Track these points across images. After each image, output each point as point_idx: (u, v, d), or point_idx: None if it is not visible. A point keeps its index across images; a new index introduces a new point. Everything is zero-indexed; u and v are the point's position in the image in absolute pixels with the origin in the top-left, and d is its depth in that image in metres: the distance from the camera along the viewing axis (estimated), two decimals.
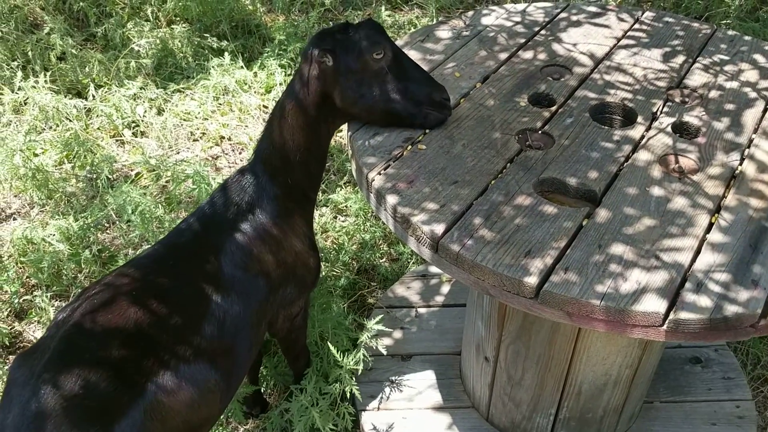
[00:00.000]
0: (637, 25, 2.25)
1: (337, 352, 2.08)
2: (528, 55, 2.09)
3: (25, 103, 3.70)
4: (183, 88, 3.96)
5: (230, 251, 1.74)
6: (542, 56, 2.08)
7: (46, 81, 3.76)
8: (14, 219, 3.30)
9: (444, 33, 2.20)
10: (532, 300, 1.42)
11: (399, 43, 2.16)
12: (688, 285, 1.39)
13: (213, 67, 3.99)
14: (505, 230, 1.51)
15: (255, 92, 3.95)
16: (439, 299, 2.69)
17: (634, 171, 1.66)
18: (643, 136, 1.78)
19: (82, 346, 1.41)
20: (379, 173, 1.66)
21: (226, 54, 4.05)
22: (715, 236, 1.49)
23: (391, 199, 1.59)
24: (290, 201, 1.85)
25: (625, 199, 1.59)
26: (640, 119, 1.84)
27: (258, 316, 1.77)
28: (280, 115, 1.77)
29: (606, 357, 1.88)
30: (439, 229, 1.50)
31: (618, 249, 1.46)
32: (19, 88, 3.74)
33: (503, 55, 2.08)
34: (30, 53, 3.95)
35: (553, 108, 1.87)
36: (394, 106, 1.74)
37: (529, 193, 1.60)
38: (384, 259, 2.95)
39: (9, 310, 2.81)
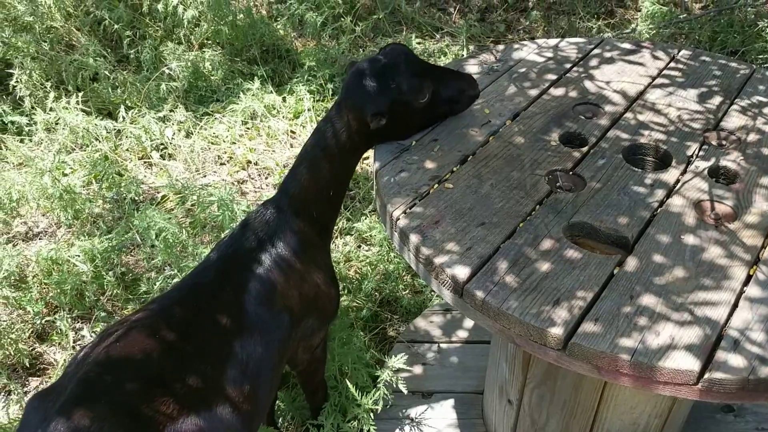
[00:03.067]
0: (672, 64, 2.20)
1: (356, 389, 2.03)
2: (559, 92, 2.05)
3: (57, 123, 3.74)
4: (212, 111, 3.97)
5: (254, 289, 1.72)
6: (574, 94, 2.04)
7: (78, 102, 3.81)
8: (40, 238, 3.32)
9: (474, 67, 2.17)
10: (559, 352, 1.37)
11: None
12: (723, 343, 1.32)
13: (243, 91, 4.01)
14: (532, 277, 1.46)
15: (283, 117, 3.96)
16: (463, 335, 2.64)
17: (668, 217, 1.61)
18: (678, 181, 1.72)
19: (99, 390, 1.37)
20: (405, 212, 1.63)
21: (255, 78, 4.07)
22: (753, 290, 1.43)
23: (415, 239, 1.55)
24: (313, 233, 1.84)
25: (659, 247, 1.53)
26: (674, 162, 1.78)
27: (280, 354, 1.74)
28: (317, 156, 1.81)
29: (634, 406, 1.81)
30: (464, 273, 1.46)
31: (650, 300, 1.40)
32: (51, 109, 3.79)
33: (534, 92, 2.04)
34: (64, 74, 4.00)
35: (585, 148, 1.83)
36: (432, 119, 1.91)
37: (558, 238, 1.55)
38: (407, 291, 2.91)
39: (31, 330, 2.81)
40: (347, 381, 2.05)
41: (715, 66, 2.18)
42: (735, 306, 1.40)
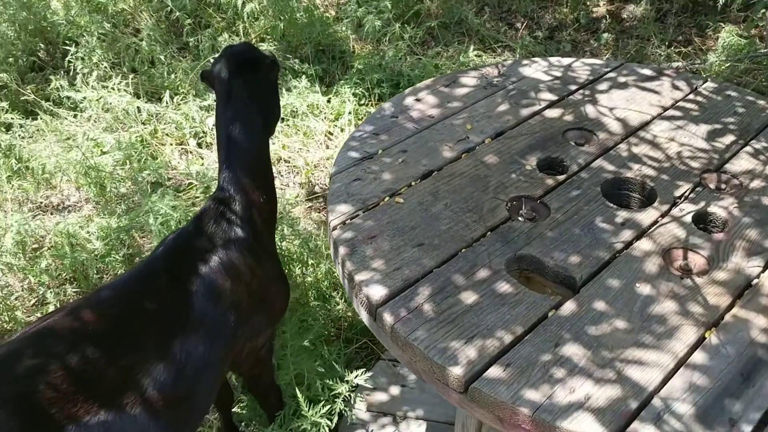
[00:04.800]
0: (691, 96, 1.99)
1: (305, 400, 1.94)
2: (554, 114, 1.89)
3: (98, 101, 3.84)
4: None
5: (201, 283, 1.65)
6: (569, 117, 1.88)
7: (128, 84, 3.90)
8: (69, 211, 3.41)
9: (471, 80, 2.04)
10: (461, 395, 1.24)
11: (420, 86, 2.03)
12: (645, 413, 1.16)
13: (290, 88, 4.00)
14: (454, 308, 1.33)
15: (325, 118, 3.92)
16: None
17: (629, 262, 1.44)
18: (654, 222, 1.55)
19: (9, 377, 1.34)
20: (344, 222, 1.53)
21: (303, 77, 4.05)
22: (700, 357, 1.25)
23: (343, 251, 1.45)
24: (261, 223, 1.78)
25: (606, 293, 1.37)
26: (657, 202, 1.60)
27: (225, 355, 1.67)
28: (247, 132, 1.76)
29: None
30: (379, 294, 1.35)
31: (576, 352, 1.25)
32: (103, 87, 3.89)
33: (526, 112, 1.90)
34: (122, 55, 4.11)
35: (562, 177, 1.67)
36: None
37: (497, 269, 1.41)
38: None
39: (36, 300, 2.87)
40: (297, 390, 1.96)
41: (740, 102, 1.96)
42: (673, 372, 1.22)
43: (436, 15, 4.83)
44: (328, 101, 3.99)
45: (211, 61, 4.09)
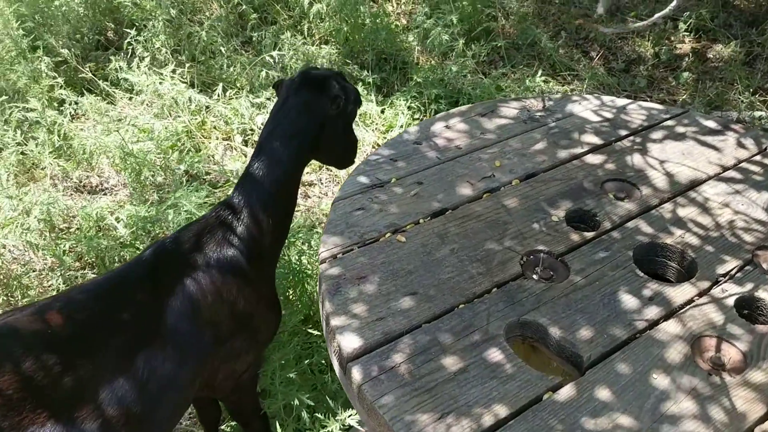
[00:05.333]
0: (758, 157, 1.75)
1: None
2: (596, 160, 1.70)
3: (148, 87, 3.81)
4: None
5: (180, 296, 1.54)
6: (612, 166, 1.67)
7: (183, 72, 3.86)
8: (105, 194, 3.38)
9: (511, 111, 1.86)
10: None
11: (453, 111, 1.86)
12: None
13: None
14: (435, 375, 1.16)
15: (375, 128, 3.78)
16: None
17: (649, 346, 1.24)
18: (690, 302, 1.33)
19: None
20: (335, 256, 1.38)
21: (360, 84, 3.93)
22: None
23: (325, 288, 1.30)
24: (265, 243, 1.66)
25: (616, 380, 1.17)
26: (696, 278, 1.39)
27: (194, 375, 1.55)
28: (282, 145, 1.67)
29: None
30: (352, 346, 1.20)
31: None
32: (157, 73, 3.87)
33: (564, 154, 1.71)
34: (183, 42, 4.08)
35: (591, 233, 1.48)
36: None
37: (494, 334, 1.24)
38: None
39: (59, 279, 2.83)
40: (277, 424, 1.82)
41: None
42: None
43: (508, 35, 4.63)
44: (382, 112, 3.86)
45: (271, 57, 4.02)
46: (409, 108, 3.83)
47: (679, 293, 1.35)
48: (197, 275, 1.57)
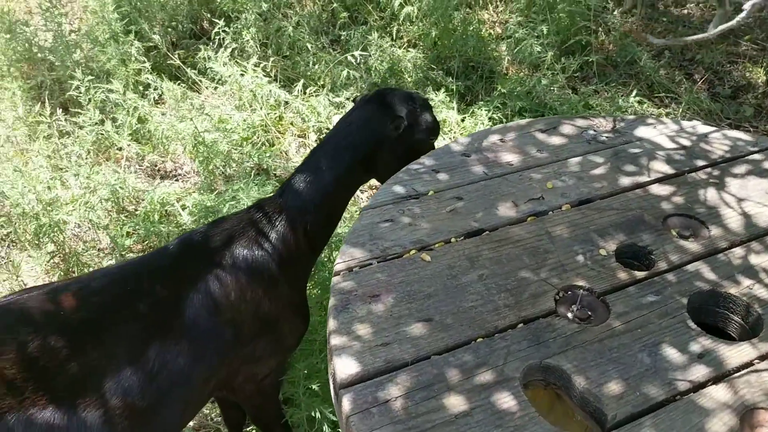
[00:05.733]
0: None
1: None
2: (661, 190, 1.51)
3: (229, 78, 3.83)
4: None
5: (202, 290, 1.49)
6: (680, 199, 1.49)
7: (266, 66, 3.86)
8: (177, 180, 3.42)
9: (573, 130, 1.70)
10: None
11: (512, 125, 1.72)
12: None
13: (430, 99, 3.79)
14: (433, 415, 1.04)
15: (453, 137, 3.66)
16: None
17: (689, 412, 1.07)
18: (748, 365, 1.15)
19: None
20: (350, 269, 1.28)
21: (442, 90, 3.81)
22: None
23: (333, 302, 1.21)
24: (301, 249, 1.65)
25: None
26: (759, 338, 1.20)
27: (209, 373, 1.49)
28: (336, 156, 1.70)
29: None
30: (347, 371, 1.09)
31: None
32: (239, 64, 3.89)
33: (626, 181, 1.53)
34: (271, 37, 4.10)
35: (642, 273, 1.31)
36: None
37: (510, 376, 1.10)
38: None
39: (114, 261, 2.87)
40: None
41: None
42: None
43: (606, 50, 4.40)
44: (462, 120, 3.74)
45: (353, 56, 3.97)
46: (490, 119, 3.69)
47: (736, 353, 1.16)
48: (222, 272, 1.52)
